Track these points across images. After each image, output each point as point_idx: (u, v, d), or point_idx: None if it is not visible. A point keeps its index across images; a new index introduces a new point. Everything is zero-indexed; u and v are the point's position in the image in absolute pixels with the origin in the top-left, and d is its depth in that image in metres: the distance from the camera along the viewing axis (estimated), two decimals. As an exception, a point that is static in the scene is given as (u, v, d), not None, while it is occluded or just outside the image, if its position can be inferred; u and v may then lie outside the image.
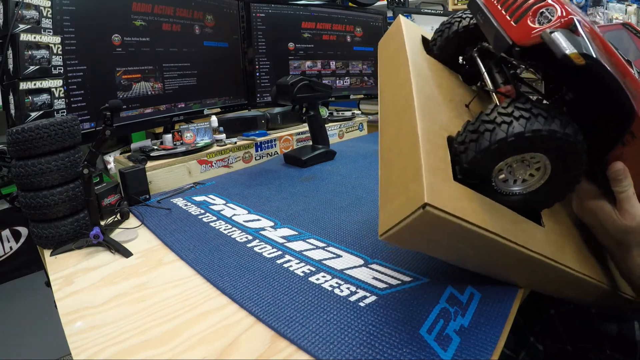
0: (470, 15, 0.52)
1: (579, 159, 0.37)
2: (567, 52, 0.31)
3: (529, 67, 0.43)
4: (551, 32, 0.34)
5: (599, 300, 0.49)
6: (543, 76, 0.43)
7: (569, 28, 0.34)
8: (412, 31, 0.58)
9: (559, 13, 0.36)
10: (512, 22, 0.39)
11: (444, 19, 0.58)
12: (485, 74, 0.48)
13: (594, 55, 0.32)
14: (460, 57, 0.55)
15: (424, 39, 0.58)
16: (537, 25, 0.36)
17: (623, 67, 0.37)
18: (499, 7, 0.42)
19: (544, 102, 0.39)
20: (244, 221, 0.68)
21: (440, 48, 0.54)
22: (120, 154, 1.00)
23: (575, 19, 0.35)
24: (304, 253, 0.55)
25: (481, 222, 0.34)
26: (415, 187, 0.33)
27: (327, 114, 1.45)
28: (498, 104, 0.38)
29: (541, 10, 0.37)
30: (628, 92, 0.34)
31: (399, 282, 0.47)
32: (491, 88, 0.46)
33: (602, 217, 0.45)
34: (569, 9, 0.36)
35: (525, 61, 0.41)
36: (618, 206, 0.43)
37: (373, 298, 0.44)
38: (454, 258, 0.43)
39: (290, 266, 0.52)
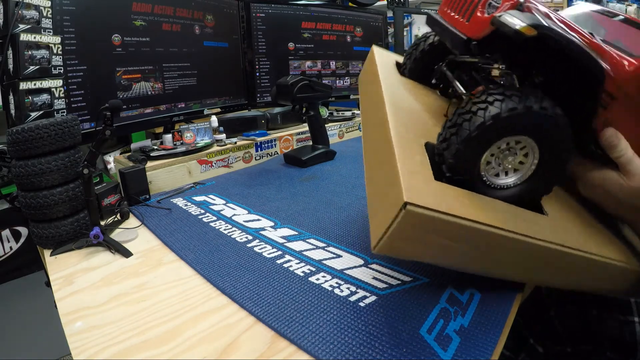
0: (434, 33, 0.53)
1: (562, 133, 0.36)
2: (518, 27, 0.32)
3: (493, 61, 0.42)
4: (499, 16, 0.34)
5: (634, 286, 0.45)
6: (507, 67, 0.42)
7: (517, 8, 0.35)
8: (385, 58, 0.59)
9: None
10: (464, 22, 0.40)
11: None
12: (456, 81, 0.48)
13: (546, 24, 0.33)
14: (434, 78, 0.55)
15: (398, 63, 0.59)
16: (487, 16, 0.37)
17: (583, 36, 0.37)
18: (452, 13, 0.43)
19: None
20: (244, 221, 0.68)
21: (411, 70, 0.55)
22: (120, 154, 1.00)
23: (520, 1, 0.35)
24: (304, 253, 0.55)
25: (472, 215, 0.33)
26: (395, 191, 0.32)
27: (327, 114, 1.45)
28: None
29: (489, 2, 0.37)
30: (591, 53, 0.35)
31: (399, 282, 0.47)
32: (463, 92, 0.46)
33: (609, 187, 0.43)
34: None
35: (486, 55, 0.40)
36: (622, 171, 0.42)
37: (373, 298, 0.44)
38: (455, 262, 0.40)
39: (290, 266, 0.52)
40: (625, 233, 0.47)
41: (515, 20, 0.33)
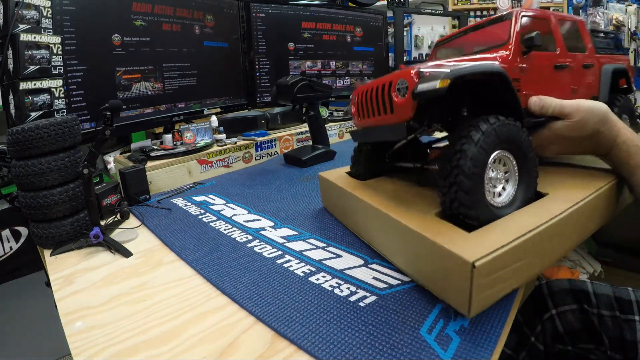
0: None
1: (521, 133, 0.44)
2: (437, 86, 0.39)
3: (431, 129, 0.48)
4: (415, 90, 0.41)
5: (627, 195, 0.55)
6: (443, 125, 0.51)
7: (420, 76, 0.42)
8: (334, 174, 0.67)
9: (406, 77, 0.43)
10: (389, 115, 0.46)
11: (445, 19, 0.61)
12: (403, 163, 0.58)
13: (448, 71, 0.40)
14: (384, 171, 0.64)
15: (348, 173, 0.66)
16: (399, 98, 0.44)
17: (470, 60, 0.47)
18: (368, 119, 0.51)
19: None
20: (244, 221, 0.68)
21: (364, 174, 0.62)
22: (120, 154, 1.00)
23: (415, 70, 0.42)
24: (304, 253, 0.55)
25: (517, 231, 0.38)
26: (450, 261, 0.36)
27: (327, 114, 1.45)
28: (437, 167, 0.48)
29: (397, 88, 0.44)
30: (487, 66, 0.46)
31: (399, 282, 0.47)
32: (418, 165, 0.55)
33: (561, 133, 0.51)
34: (405, 69, 0.44)
35: (424, 126, 0.46)
36: (562, 116, 0.51)
37: (373, 298, 0.44)
38: (536, 271, 0.44)
39: (290, 266, 0.52)
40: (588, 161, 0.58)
41: (430, 84, 0.40)
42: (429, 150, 0.57)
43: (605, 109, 0.50)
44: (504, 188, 0.45)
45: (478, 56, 0.51)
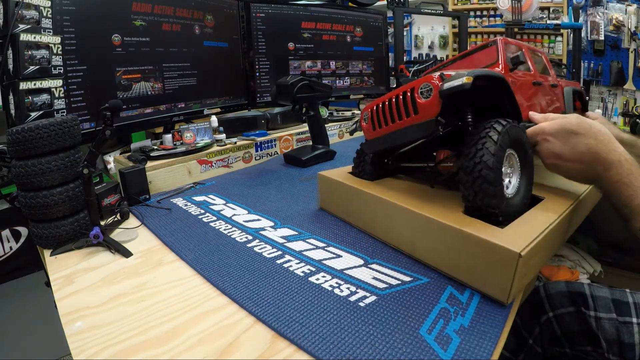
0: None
1: (522, 133, 0.51)
2: (463, 81, 0.45)
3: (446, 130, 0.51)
4: (442, 89, 0.47)
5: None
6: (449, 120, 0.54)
7: (442, 79, 0.48)
8: (336, 174, 0.68)
9: (430, 80, 0.48)
10: (412, 116, 0.50)
11: (445, 19, 0.63)
12: (415, 164, 0.62)
13: (470, 72, 0.46)
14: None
15: (351, 173, 0.68)
16: (424, 100, 0.49)
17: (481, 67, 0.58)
18: (384, 127, 0.55)
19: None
20: (244, 221, 0.68)
21: (371, 174, 0.64)
22: (120, 154, 1.00)
23: (437, 75, 0.48)
24: (304, 253, 0.55)
25: (541, 227, 0.45)
26: (496, 254, 0.41)
27: (327, 114, 1.45)
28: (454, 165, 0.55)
29: (420, 91, 0.49)
30: (495, 72, 0.52)
31: (399, 282, 0.47)
32: (430, 164, 0.58)
33: (547, 151, 0.53)
34: (424, 76, 0.50)
35: (444, 126, 0.50)
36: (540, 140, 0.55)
37: (373, 298, 0.44)
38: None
39: (290, 266, 0.52)
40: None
41: (456, 81, 0.46)
42: (434, 153, 0.60)
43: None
44: (509, 181, 0.51)
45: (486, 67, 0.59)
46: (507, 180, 0.50)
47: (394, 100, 0.54)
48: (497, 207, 0.45)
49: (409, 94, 0.51)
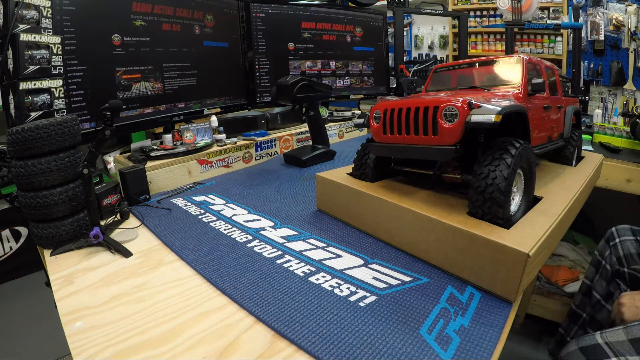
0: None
1: (530, 153, 0.52)
2: (492, 119, 0.45)
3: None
4: (469, 119, 0.47)
5: None
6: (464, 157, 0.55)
7: (470, 107, 0.48)
8: (335, 175, 0.68)
9: (456, 104, 0.48)
10: (431, 136, 0.50)
11: (445, 19, 0.63)
12: (418, 170, 0.61)
13: (500, 108, 0.47)
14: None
15: (350, 174, 0.68)
16: (447, 124, 0.48)
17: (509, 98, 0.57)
18: (398, 136, 0.54)
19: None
20: (244, 221, 0.68)
21: (372, 176, 0.64)
22: (120, 154, 1.00)
23: (465, 100, 0.48)
24: (304, 253, 0.55)
25: (544, 228, 0.46)
26: (504, 255, 0.42)
27: (327, 114, 1.45)
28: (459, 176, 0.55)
29: (444, 113, 0.48)
30: (519, 105, 0.54)
31: (399, 282, 0.47)
32: (433, 172, 0.58)
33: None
34: (447, 97, 0.49)
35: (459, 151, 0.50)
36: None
37: (373, 298, 0.44)
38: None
39: (290, 266, 0.52)
40: None
41: (485, 117, 0.46)
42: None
43: None
44: (513, 198, 0.51)
45: (493, 91, 0.60)
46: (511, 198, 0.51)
47: (412, 112, 0.52)
48: (502, 217, 0.47)
49: (430, 113, 0.50)
